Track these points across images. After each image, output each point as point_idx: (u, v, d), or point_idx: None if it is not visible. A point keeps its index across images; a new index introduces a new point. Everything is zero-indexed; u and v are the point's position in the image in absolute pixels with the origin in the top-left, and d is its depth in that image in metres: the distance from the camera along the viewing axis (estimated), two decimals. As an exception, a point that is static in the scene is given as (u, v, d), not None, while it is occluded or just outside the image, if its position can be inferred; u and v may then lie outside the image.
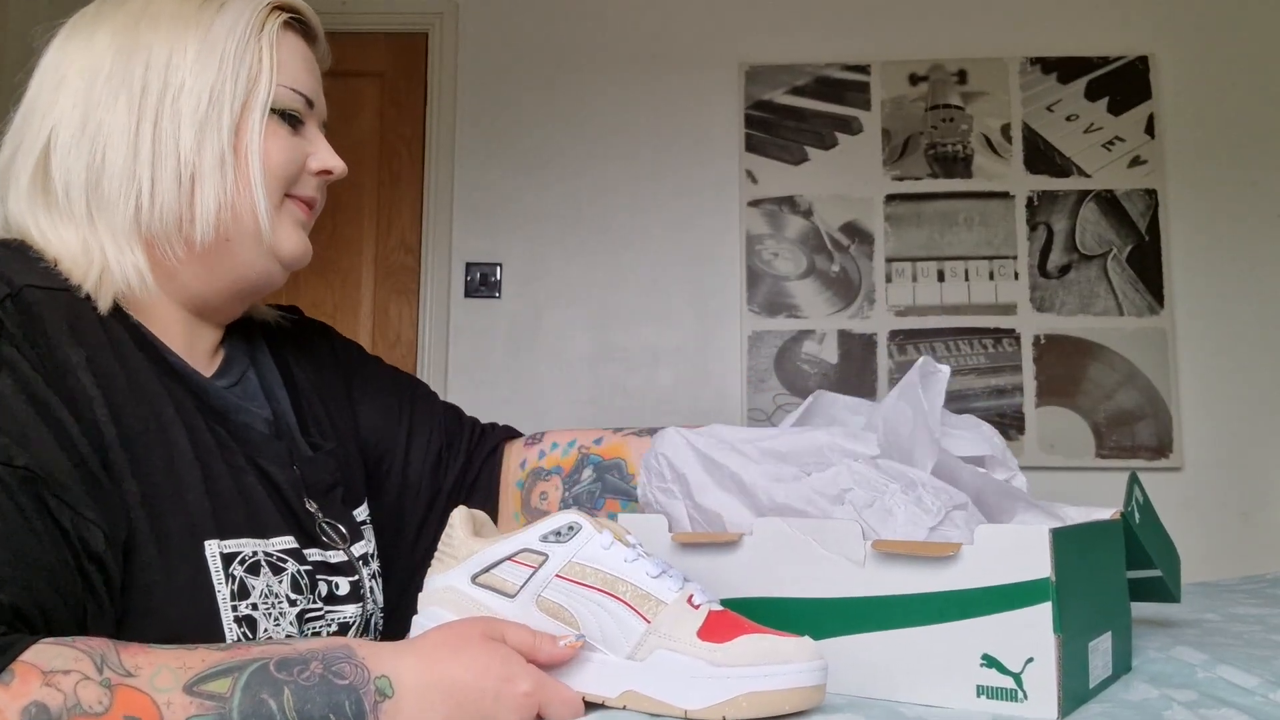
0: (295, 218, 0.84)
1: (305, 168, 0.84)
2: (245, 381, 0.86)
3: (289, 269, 0.84)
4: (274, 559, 0.75)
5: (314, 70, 0.88)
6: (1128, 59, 2.95)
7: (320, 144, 0.87)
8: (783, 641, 0.60)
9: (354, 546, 0.85)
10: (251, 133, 0.79)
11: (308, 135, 0.86)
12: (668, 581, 0.63)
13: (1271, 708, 0.62)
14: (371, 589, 0.86)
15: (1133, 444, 2.81)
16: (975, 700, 0.62)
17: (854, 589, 0.66)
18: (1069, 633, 0.61)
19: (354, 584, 0.82)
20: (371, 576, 0.87)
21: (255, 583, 0.73)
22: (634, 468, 0.98)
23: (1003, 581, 0.61)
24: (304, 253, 0.85)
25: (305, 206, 0.85)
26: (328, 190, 0.91)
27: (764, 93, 3.01)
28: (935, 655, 0.63)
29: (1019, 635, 0.61)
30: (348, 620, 0.81)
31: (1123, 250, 2.89)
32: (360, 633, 0.83)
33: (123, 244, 0.76)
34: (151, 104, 0.77)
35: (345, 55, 3.74)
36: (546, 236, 3.00)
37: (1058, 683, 0.59)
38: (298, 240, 0.84)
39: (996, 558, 0.62)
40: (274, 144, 0.81)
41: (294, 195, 0.84)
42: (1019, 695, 0.60)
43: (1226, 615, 1.00)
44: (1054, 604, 0.60)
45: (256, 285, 0.83)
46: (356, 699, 0.58)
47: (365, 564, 0.86)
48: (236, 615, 0.70)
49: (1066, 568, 0.62)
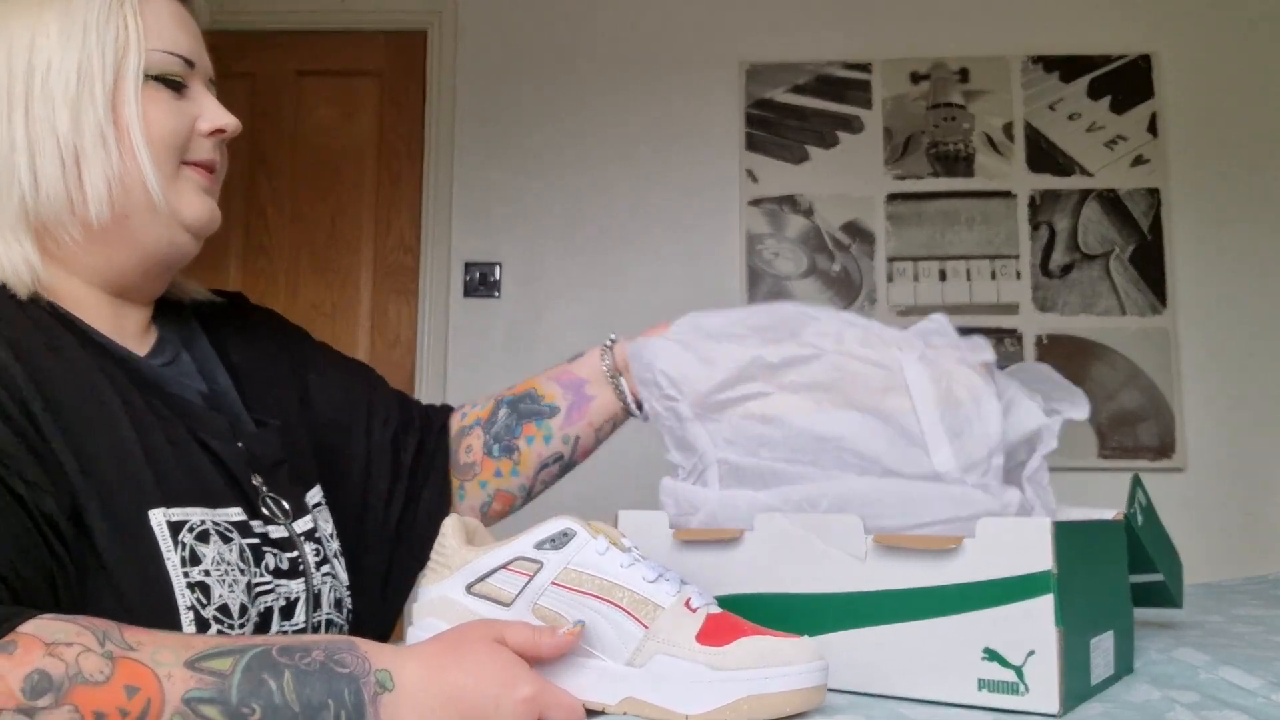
0: (195, 184, 0.82)
1: (195, 130, 0.82)
2: (179, 361, 0.86)
3: (198, 236, 0.83)
4: (222, 529, 0.75)
5: (190, 29, 0.85)
6: (1130, 58, 2.95)
7: (208, 103, 0.84)
8: (782, 643, 0.59)
9: (296, 523, 0.85)
10: (128, 103, 0.77)
11: (193, 96, 0.83)
12: (665, 585, 0.62)
13: (1274, 709, 0.62)
14: (322, 566, 0.85)
15: (1135, 444, 2.81)
16: (977, 694, 0.61)
17: (855, 584, 0.67)
18: (1070, 627, 0.61)
19: (293, 560, 0.82)
20: (325, 556, 0.86)
21: (206, 550, 0.72)
22: (544, 391, 1.01)
23: (1004, 574, 0.61)
24: (210, 218, 0.83)
25: (204, 170, 0.83)
26: (327, 191, 0.91)
27: (764, 91, 3.01)
28: (937, 649, 0.63)
29: (1020, 628, 0.60)
30: (293, 596, 0.81)
31: (1125, 250, 2.88)
32: (309, 608, 0.82)
33: (9, 236, 0.76)
34: (20, 90, 0.76)
35: (344, 54, 3.75)
36: (546, 236, 2.99)
37: (1059, 676, 0.59)
38: (201, 205, 0.82)
39: (998, 551, 0.62)
40: (156, 111, 0.79)
41: (190, 161, 0.82)
42: (1020, 688, 0.60)
43: (1229, 616, 1.00)
44: (1055, 596, 0.59)
45: (168, 257, 0.82)
46: (356, 689, 0.58)
47: (310, 540, 0.85)
48: (189, 581, 0.70)
49: (1068, 561, 0.62)
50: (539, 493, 1.05)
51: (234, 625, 0.72)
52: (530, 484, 1.02)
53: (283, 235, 3.00)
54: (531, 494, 1.04)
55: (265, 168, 3.03)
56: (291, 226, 3.01)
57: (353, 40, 3.09)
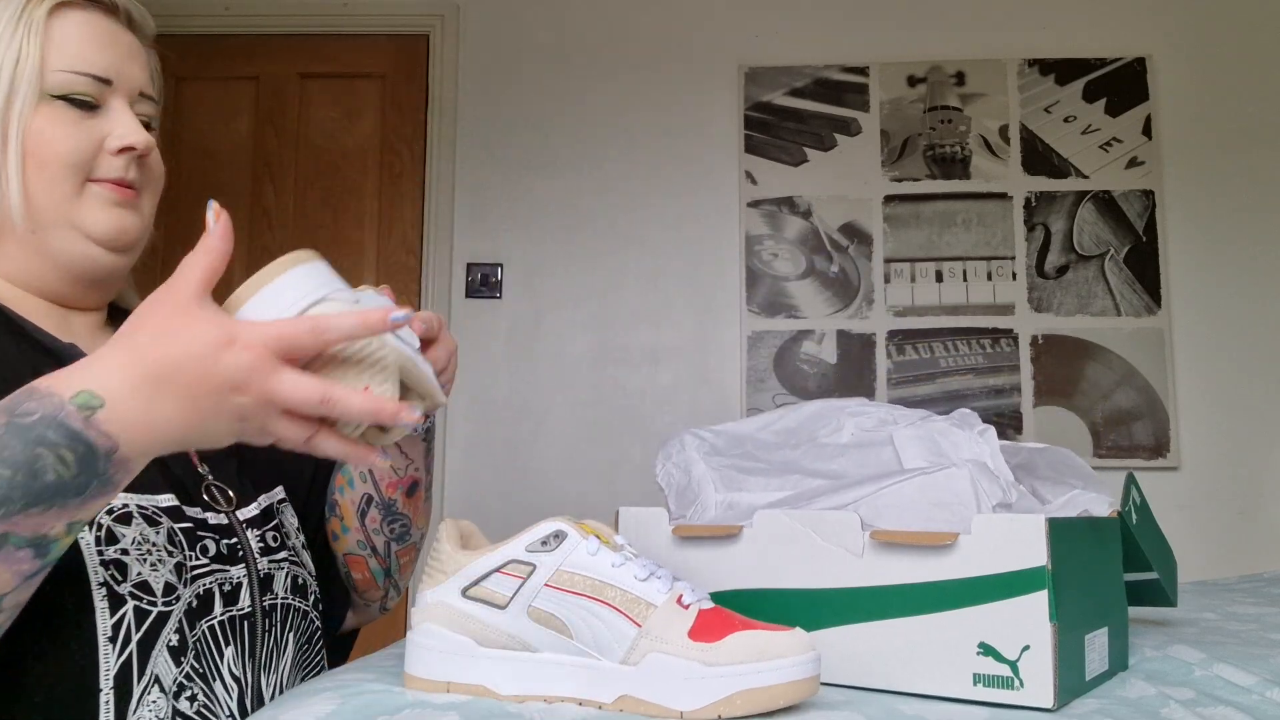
0: (102, 199, 0.82)
1: (104, 148, 0.82)
2: None
3: (113, 249, 0.83)
4: (149, 512, 0.76)
5: (110, 44, 0.83)
6: (1125, 60, 2.96)
7: (120, 121, 0.82)
8: (774, 636, 0.60)
9: (241, 510, 0.86)
10: (21, 123, 0.78)
11: (107, 114, 0.82)
12: (656, 584, 0.63)
13: (1269, 706, 0.63)
14: (279, 553, 0.87)
15: (1130, 444, 2.82)
16: (972, 689, 0.62)
17: (853, 579, 0.68)
18: (1065, 622, 0.62)
19: (232, 546, 0.83)
20: (282, 543, 0.88)
21: (126, 531, 0.74)
22: None
23: (999, 570, 0.62)
24: (118, 231, 0.83)
25: (116, 187, 0.82)
26: (330, 193, 0.92)
27: (763, 94, 3.02)
28: (933, 644, 0.64)
29: (1015, 623, 0.61)
30: (236, 580, 0.82)
31: (1120, 251, 2.90)
32: (255, 592, 0.83)
33: None
34: None
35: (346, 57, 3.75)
36: (547, 237, 3.00)
37: (1054, 671, 0.60)
38: (106, 219, 0.82)
39: (993, 546, 0.63)
40: (58, 131, 0.79)
41: (97, 179, 0.82)
42: (1015, 683, 0.61)
43: (1224, 614, 1.00)
44: (1050, 592, 0.60)
45: (87, 270, 0.83)
46: (58, 424, 0.58)
47: (256, 527, 0.86)
48: (103, 559, 0.72)
49: (1063, 557, 0.63)
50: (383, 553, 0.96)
51: (156, 602, 0.73)
52: (367, 541, 0.95)
53: (286, 236, 3.01)
54: (377, 552, 0.96)
55: (269, 169, 3.04)
56: (294, 227, 3.02)
57: (356, 43, 3.10)
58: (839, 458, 0.80)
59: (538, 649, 0.63)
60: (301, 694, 0.63)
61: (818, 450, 0.81)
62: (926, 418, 0.79)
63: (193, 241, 0.63)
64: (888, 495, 0.71)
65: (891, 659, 0.66)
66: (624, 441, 2.91)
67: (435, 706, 0.60)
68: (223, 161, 3.05)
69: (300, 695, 0.62)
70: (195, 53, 3.05)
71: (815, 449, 0.81)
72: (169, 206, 1.00)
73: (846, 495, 0.73)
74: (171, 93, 3.08)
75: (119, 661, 0.71)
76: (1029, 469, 0.79)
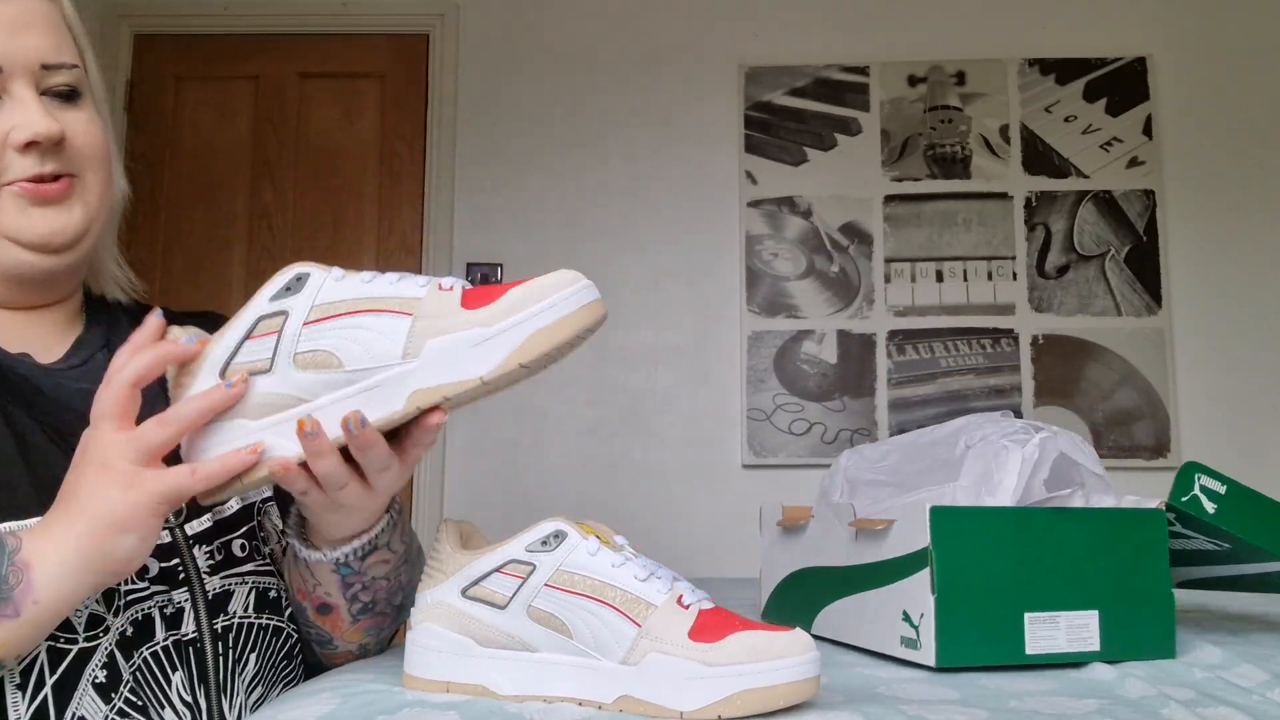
0: (19, 202, 0.73)
1: (7, 145, 0.72)
2: (91, 362, 0.81)
3: (47, 251, 0.75)
4: None
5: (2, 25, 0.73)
6: (1126, 60, 2.96)
7: (20, 112, 0.73)
8: (775, 637, 0.60)
9: (190, 524, 0.79)
10: None
11: (6, 104, 0.73)
12: (656, 584, 0.62)
13: (1270, 706, 0.62)
14: (244, 565, 0.81)
15: (1131, 444, 2.82)
16: (900, 649, 0.75)
17: (847, 559, 0.84)
18: (958, 595, 0.71)
19: (172, 568, 0.76)
20: (250, 554, 0.82)
21: None
22: None
23: (909, 550, 0.74)
24: (47, 233, 0.75)
25: (34, 186, 0.73)
26: (330, 192, 0.87)
27: (763, 94, 3.02)
28: (884, 612, 0.77)
29: (918, 595, 0.72)
30: (179, 604, 0.75)
31: (1121, 251, 2.90)
32: (203, 614, 0.77)
33: None
34: None
35: (346, 56, 3.75)
36: (547, 237, 3.00)
37: (934, 634, 0.70)
38: (31, 225, 0.74)
39: (911, 530, 0.74)
40: None
41: (10, 181, 0.73)
42: (917, 644, 0.72)
43: (1224, 613, 1.01)
44: (932, 569, 0.71)
45: (23, 274, 0.76)
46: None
47: (203, 543, 0.79)
48: None
49: (953, 542, 0.72)
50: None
51: (76, 638, 0.68)
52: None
53: (285, 236, 3.01)
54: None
55: (268, 169, 3.04)
56: (294, 227, 3.02)
57: (355, 43, 3.10)
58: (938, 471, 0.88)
59: (537, 649, 0.63)
60: (301, 693, 0.63)
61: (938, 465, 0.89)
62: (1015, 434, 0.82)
63: (193, 241, 0.62)
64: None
65: (862, 624, 0.81)
66: (624, 441, 2.91)
67: (434, 706, 0.60)
68: (222, 161, 3.05)
69: (300, 695, 0.62)
70: (195, 52, 3.06)
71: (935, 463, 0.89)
72: (169, 206, 0.98)
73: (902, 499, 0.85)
74: (171, 93, 3.08)
75: (30, 708, 0.65)
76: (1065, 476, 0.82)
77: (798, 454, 2.85)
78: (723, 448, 2.90)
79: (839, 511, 0.86)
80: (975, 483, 0.78)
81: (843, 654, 0.80)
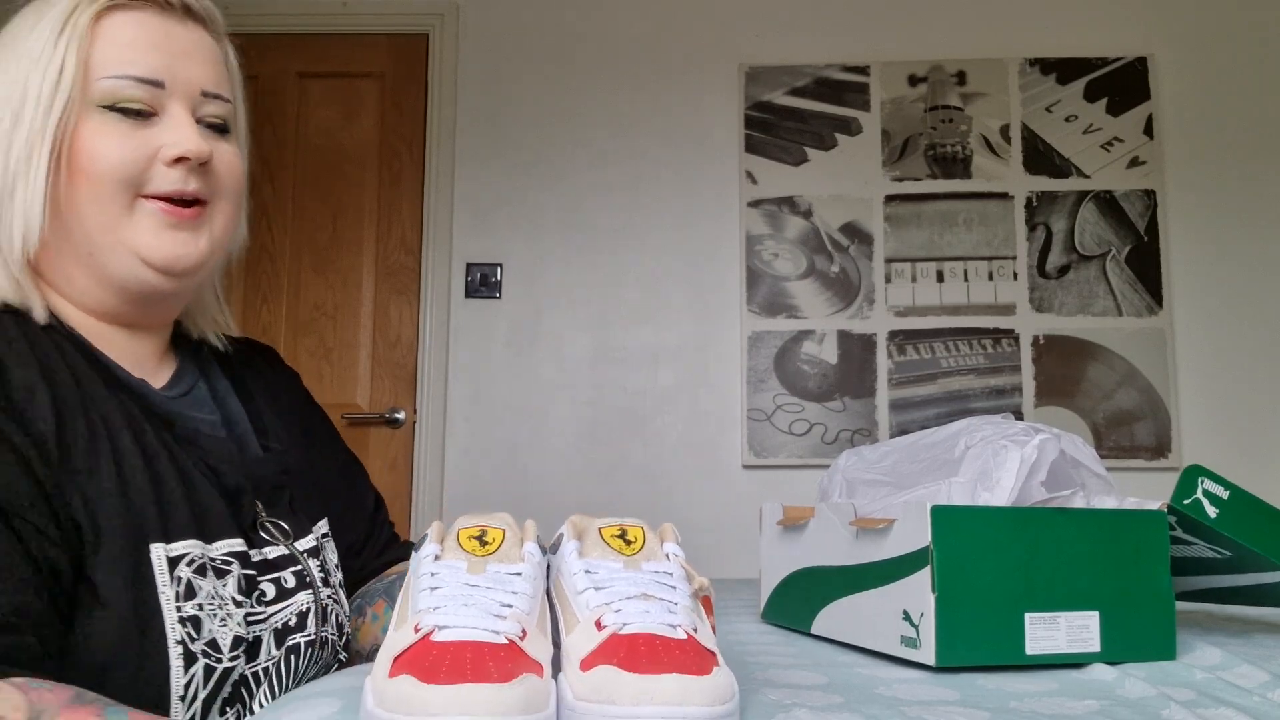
0: (155, 220, 0.76)
1: (159, 158, 0.75)
2: (195, 391, 0.85)
3: (168, 274, 0.77)
4: (217, 562, 0.74)
5: (162, 43, 0.76)
6: (1126, 60, 2.96)
7: (174, 129, 0.76)
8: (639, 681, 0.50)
9: (299, 542, 0.84)
10: (61, 139, 0.73)
11: (163, 121, 0.76)
12: (588, 597, 0.59)
13: (1270, 707, 0.62)
14: (326, 586, 0.85)
15: (1132, 444, 2.82)
16: (900, 648, 0.74)
17: (847, 558, 0.83)
18: (959, 596, 0.71)
19: (297, 574, 0.81)
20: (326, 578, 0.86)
21: (202, 584, 0.72)
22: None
23: (910, 550, 0.74)
24: (173, 257, 0.76)
25: (171, 206, 0.76)
26: (329, 192, 0.89)
27: (764, 93, 3.02)
28: (884, 611, 0.77)
29: (919, 594, 0.72)
30: (303, 607, 0.80)
31: (1121, 251, 2.90)
32: (318, 622, 0.81)
33: (12, 268, 0.75)
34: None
35: (346, 56, 3.74)
36: (547, 237, 3.00)
37: (934, 633, 0.70)
38: (160, 246, 0.76)
39: (912, 529, 0.74)
40: (105, 143, 0.74)
41: (150, 194, 0.76)
42: (917, 643, 0.72)
43: (1224, 614, 1.01)
44: (932, 569, 0.71)
45: (141, 292, 0.78)
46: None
47: (314, 556, 0.85)
48: (181, 615, 0.70)
49: (954, 541, 0.71)
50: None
51: (222, 659, 0.71)
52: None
53: (285, 236, 3.01)
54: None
55: (267, 169, 3.04)
56: (294, 227, 3.02)
57: (355, 43, 3.10)
58: (936, 470, 0.88)
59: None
60: (304, 696, 0.62)
61: (937, 465, 0.89)
62: (1014, 435, 0.82)
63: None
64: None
65: (861, 623, 0.80)
66: (624, 441, 2.91)
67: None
68: (223, 161, 3.05)
69: (302, 697, 0.62)
70: (195, 52, 3.05)
71: (934, 464, 0.89)
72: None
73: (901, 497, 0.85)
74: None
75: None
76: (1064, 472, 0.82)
77: (798, 454, 2.85)
78: (723, 448, 2.90)
79: (839, 511, 0.86)
80: (973, 480, 0.78)
81: (843, 654, 0.79)
